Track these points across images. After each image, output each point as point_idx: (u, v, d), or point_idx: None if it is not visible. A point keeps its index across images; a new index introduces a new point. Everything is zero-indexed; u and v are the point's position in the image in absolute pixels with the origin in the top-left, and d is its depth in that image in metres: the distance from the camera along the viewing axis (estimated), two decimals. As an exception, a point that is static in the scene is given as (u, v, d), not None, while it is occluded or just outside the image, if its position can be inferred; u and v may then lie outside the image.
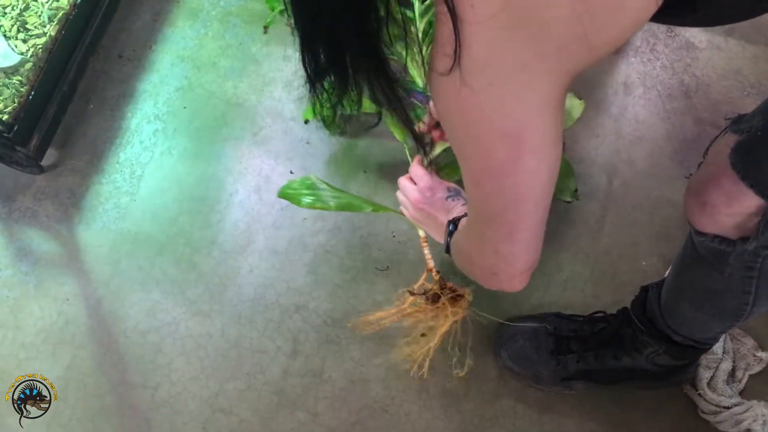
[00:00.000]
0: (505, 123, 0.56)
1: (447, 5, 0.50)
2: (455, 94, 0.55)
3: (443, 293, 1.09)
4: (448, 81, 0.55)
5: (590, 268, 1.27)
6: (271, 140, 1.36)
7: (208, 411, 1.17)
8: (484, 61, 0.52)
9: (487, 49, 0.52)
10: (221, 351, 1.21)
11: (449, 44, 0.52)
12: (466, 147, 0.61)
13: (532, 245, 0.70)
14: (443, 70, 0.54)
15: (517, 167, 0.60)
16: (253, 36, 1.46)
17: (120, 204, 1.32)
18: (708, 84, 1.42)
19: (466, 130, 0.59)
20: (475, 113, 0.57)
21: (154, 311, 1.24)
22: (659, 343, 1.04)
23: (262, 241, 1.29)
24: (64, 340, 1.22)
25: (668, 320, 0.99)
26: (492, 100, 0.55)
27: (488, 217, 0.68)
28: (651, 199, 1.32)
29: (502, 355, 1.17)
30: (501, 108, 0.55)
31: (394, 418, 1.17)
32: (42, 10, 1.26)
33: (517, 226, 0.67)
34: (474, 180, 0.64)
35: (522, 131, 0.57)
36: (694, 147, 1.36)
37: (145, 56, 1.44)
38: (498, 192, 0.63)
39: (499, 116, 0.56)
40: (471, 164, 0.63)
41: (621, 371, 1.10)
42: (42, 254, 1.28)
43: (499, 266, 0.73)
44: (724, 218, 0.76)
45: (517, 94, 0.55)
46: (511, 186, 0.62)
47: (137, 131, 1.37)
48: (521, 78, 0.54)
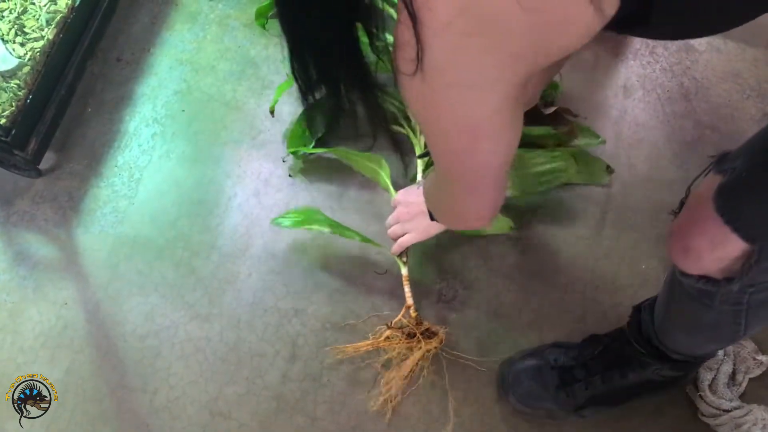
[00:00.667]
0: (463, 120, 0.60)
1: (407, 9, 0.52)
2: (418, 92, 0.59)
3: (418, 329, 1.16)
4: (411, 80, 0.57)
5: (590, 271, 1.27)
6: (270, 144, 1.36)
7: (207, 415, 1.17)
8: (443, 64, 0.55)
9: (445, 53, 0.54)
10: (220, 355, 1.21)
11: (410, 47, 0.54)
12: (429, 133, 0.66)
13: (493, 196, 0.77)
14: (406, 71, 0.57)
15: (476, 151, 0.65)
16: (251, 39, 1.46)
17: (118, 208, 1.31)
18: (707, 87, 1.42)
19: (428, 121, 0.63)
20: (435, 110, 0.60)
21: (152, 315, 1.23)
22: (660, 363, 1.03)
23: (261, 245, 1.28)
24: (63, 344, 1.22)
25: (664, 341, 0.98)
26: (450, 99, 0.57)
27: (452, 179, 0.74)
28: (651, 201, 1.31)
29: (510, 399, 1.15)
30: (458, 107, 0.58)
31: (392, 421, 1.16)
32: (40, 13, 1.25)
33: (478, 186, 0.73)
34: (438, 155, 0.69)
35: (478, 126, 0.61)
36: (694, 150, 1.35)
37: (144, 59, 1.44)
38: (459, 167, 0.69)
39: (457, 114, 0.59)
40: (435, 146, 0.68)
41: (630, 388, 1.09)
42: (40, 258, 1.28)
43: (467, 212, 0.81)
44: (709, 263, 0.75)
45: (473, 96, 0.57)
46: (471, 164, 0.68)
47: (136, 134, 1.37)
48: (477, 81, 0.56)
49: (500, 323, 1.23)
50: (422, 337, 1.15)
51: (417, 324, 1.16)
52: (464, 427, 1.16)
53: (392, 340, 1.16)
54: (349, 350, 1.18)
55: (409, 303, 1.19)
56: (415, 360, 1.14)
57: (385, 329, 1.17)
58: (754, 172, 0.67)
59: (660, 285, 1.22)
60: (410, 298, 1.19)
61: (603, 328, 1.21)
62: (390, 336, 1.17)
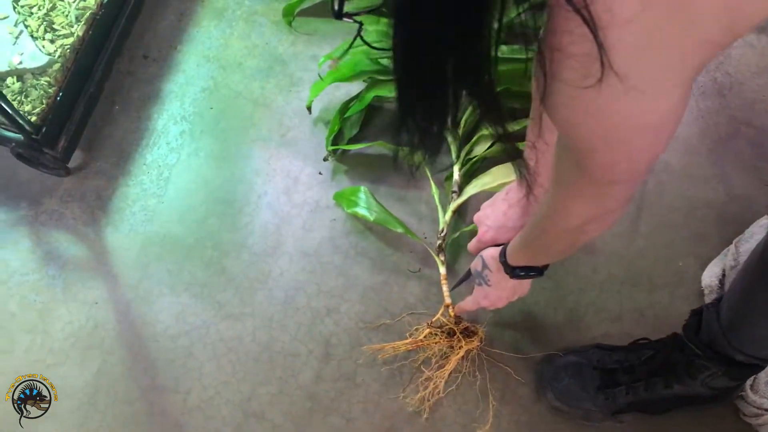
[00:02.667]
0: (648, 120, 0.56)
1: (582, 16, 0.47)
2: (589, 104, 0.54)
3: (458, 328, 1.15)
4: (581, 93, 0.53)
5: (626, 269, 1.25)
6: (299, 141, 1.35)
7: (240, 416, 1.15)
8: (626, 67, 0.50)
9: (628, 56, 0.50)
10: (253, 355, 1.19)
11: (587, 57, 0.50)
12: (598, 144, 0.60)
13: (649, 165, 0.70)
14: (580, 84, 0.52)
15: (657, 147, 0.61)
16: (279, 36, 1.45)
17: (147, 206, 1.30)
18: (741, 82, 1.40)
19: (599, 131, 0.58)
20: (613, 116, 0.56)
21: (183, 315, 1.22)
22: (718, 366, 1.00)
23: (292, 243, 1.27)
24: (93, 345, 1.20)
25: (733, 341, 0.95)
26: (634, 101, 0.53)
27: (616, 182, 0.67)
28: (686, 199, 1.30)
29: (548, 395, 1.13)
30: (643, 108, 0.54)
31: (429, 421, 1.15)
32: (69, 10, 1.24)
33: (636, 178, 0.68)
34: (607, 166, 0.64)
35: (664, 122, 0.57)
36: (729, 146, 1.34)
37: (171, 57, 1.42)
38: (634, 169, 0.65)
39: (642, 115, 0.55)
40: (606, 156, 0.62)
41: (672, 399, 1.07)
42: (69, 258, 1.26)
43: (616, 206, 0.73)
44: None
45: (660, 96, 0.54)
46: (648, 161, 0.64)
47: (164, 132, 1.36)
48: (663, 77, 0.52)
49: (536, 322, 1.21)
50: (462, 336, 1.13)
51: (456, 323, 1.15)
52: (501, 427, 1.14)
53: (431, 339, 1.15)
54: (388, 349, 1.16)
55: (448, 302, 1.17)
56: (458, 358, 1.13)
57: (425, 328, 1.16)
58: None
59: (697, 282, 1.23)
60: (449, 297, 1.18)
61: (640, 328, 1.20)
62: (429, 335, 1.15)
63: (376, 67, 1.28)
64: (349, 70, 1.27)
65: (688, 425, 1.13)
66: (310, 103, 1.30)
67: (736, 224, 1.26)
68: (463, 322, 1.16)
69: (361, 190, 1.27)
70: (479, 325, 1.17)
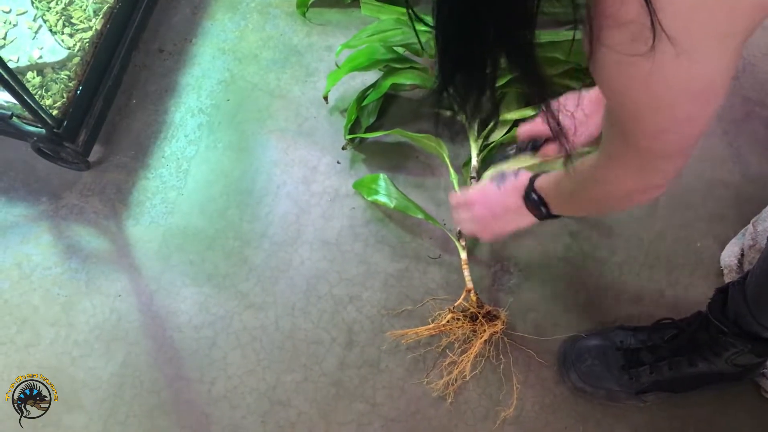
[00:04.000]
0: (696, 85, 0.56)
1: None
2: (639, 72, 0.55)
3: (480, 312, 1.15)
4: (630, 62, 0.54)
5: (644, 251, 1.26)
6: (316, 131, 1.36)
7: (266, 404, 1.16)
8: (677, 31, 0.51)
9: (679, 19, 0.50)
10: (276, 343, 1.20)
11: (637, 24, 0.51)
12: (649, 111, 0.61)
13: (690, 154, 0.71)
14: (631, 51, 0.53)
15: (704, 115, 0.61)
16: (293, 27, 1.45)
17: (167, 199, 1.31)
18: (754, 63, 1.41)
19: (646, 98, 0.58)
20: (660, 81, 0.56)
21: (207, 305, 1.23)
22: (744, 343, 1.00)
23: (312, 232, 1.28)
24: (118, 337, 1.21)
25: (759, 316, 0.95)
26: (682, 65, 0.54)
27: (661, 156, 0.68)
28: (703, 180, 1.30)
29: (571, 376, 1.14)
30: (692, 73, 0.55)
31: (453, 405, 1.15)
32: (87, 4, 1.25)
33: (686, 149, 0.68)
34: (653, 134, 0.64)
35: (712, 87, 0.58)
36: (743, 127, 1.34)
37: (186, 50, 1.43)
38: (679, 138, 0.64)
39: (690, 81, 0.56)
40: (651, 123, 0.62)
41: (696, 377, 1.07)
42: (91, 251, 1.27)
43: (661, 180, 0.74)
44: None
45: (709, 59, 0.54)
46: (694, 130, 0.64)
47: (181, 125, 1.37)
48: (712, 43, 0.53)
49: (557, 305, 1.22)
50: (484, 320, 1.14)
51: (479, 306, 1.16)
52: (525, 409, 1.15)
53: (454, 323, 1.15)
54: (411, 335, 1.17)
55: (469, 287, 1.18)
56: (481, 342, 1.13)
57: (447, 313, 1.17)
58: None
59: (716, 262, 1.24)
60: (470, 281, 1.18)
61: (660, 309, 1.20)
62: (451, 320, 1.16)
63: (392, 56, 1.29)
64: (366, 59, 1.28)
65: (710, 404, 1.14)
66: (327, 92, 1.31)
67: (754, 204, 1.26)
68: (486, 306, 1.17)
69: (381, 177, 1.27)
70: (501, 309, 1.18)
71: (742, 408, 1.15)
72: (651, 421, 1.14)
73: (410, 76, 1.27)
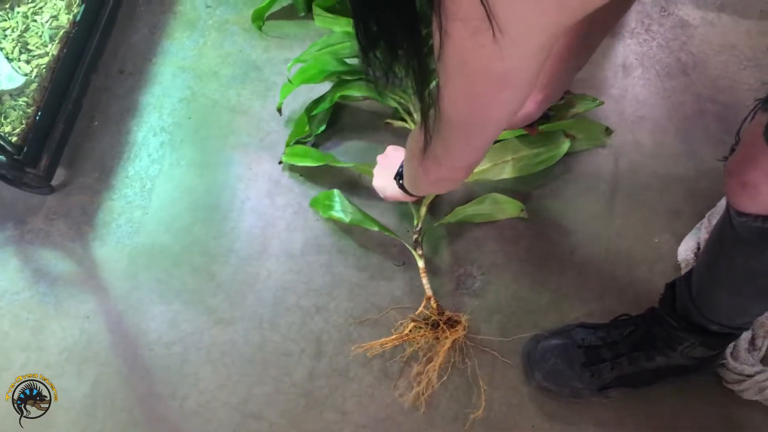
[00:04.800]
0: (499, 66, 0.60)
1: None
2: (461, 46, 0.59)
3: (441, 319, 1.17)
4: (458, 40, 0.58)
5: (604, 249, 1.28)
6: (278, 145, 1.37)
7: (238, 417, 1.18)
8: (499, 11, 0.54)
9: (504, 6, 0.54)
10: (246, 357, 1.22)
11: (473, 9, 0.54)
12: (454, 76, 0.65)
13: (480, 152, 0.80)
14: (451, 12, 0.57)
15: (494, 99, 0.66)
16: (252, 42, 1.47)
17: (133, 218, 1.32)
18: (705, 60, 1.44)
19: (458, 64, 0.62)
20: (472, 56, 0.60)
21: (176, 322, 1.24)
22: (694, 337, 1.03)
23: (278, 245, 1.29)
24: (89, 358, 1.22)
25: (703, 311, 0.98)
26: (493, 49, 0.57)
27: (452, 127, 0.74)
28: (658, 177, 1.33)
29: (536, 376, 1.16)
30: (498, 56, 0.58)
31: (423, 412, 1.17)
32: (43, 30, 1.26)
33: (473, 138, 0.75)
34: (451, 99, 0.69)
35: (510, 73, 0.62)
36: (696, 123, 1.38)
37: (146, 70, 1.44)
38: (470, 114, 0.70)
39: (495, 62, 0.59)
40: (452, 89, 0.67)
41: (656, 371, 1.10)
42: (59, 274, 1.28)
43: (448, 162, 0.82)
44: (765, 196, 0.77)
45: (515, 45, 0.57)
46: (484, 112, 0.69)
47: (144, 144, 1.38)
48: (521, 30, 0.56)
49: (520, 306, 1.24)
50: (446, 326, 1.16)
51: (439, 314, 1.18)
52: (493, 410, 1.17)
53: (417, 332, 1.17)
54: (375, 346, 1.19)
55: (429, 294, 1.20)
56: (446, 349, 1.15)
57: (409, 322, 1.19)
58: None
59: (674, 257, 1.26)
60: (429, 289, 1.20)
61: (622, 305, 1.23)
62: (414, 328, 1.18)
63: (343, 68, 1.31)
64: (317, 72, 1.30)
65: (672, 396, 1.17)
66: (280, 105, 1.32)
67: (708, 198, 1.30)
68: (446, 312, 1.19)
69: (335, 193, 1.29)
70: (462, 314, 1.20)
71: (705, 399, 1.17)
72: (616, 416, 1.16)
73: (360, 87, 1.29)
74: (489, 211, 1.27)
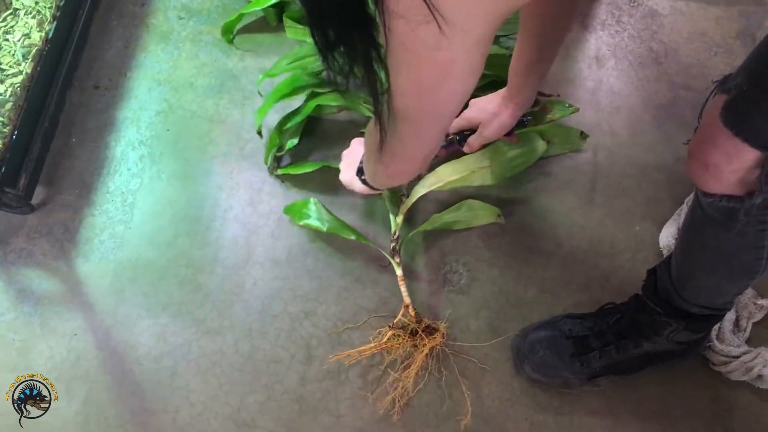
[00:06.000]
0: (442, 55, 0.63)
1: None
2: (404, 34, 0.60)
3: (419, 327, 1.18)
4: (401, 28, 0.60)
5: (587, 240, 1.30)
6: (259, 152, 1.37)
7: (232, 427, 1.17)
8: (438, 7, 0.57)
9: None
10: (236, 366, 1.22)
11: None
12: (401, 69, 0.67)
13: (433, 141, 0.84)
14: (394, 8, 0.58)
15: (441, 88, 0.69)
16: (227, 52, 1.47)
17: (115, 233, 1.31)
18: (676, 49, 1.46)
19: (404, 57, 0.64)
20: (417, 48, 0.62)
21: (164, 335, 1.24)
22: (678, 321, 1.05)
23: (263, 253, 1.29)
24: (78, 375, 1.21)
25: (684, 294, 1.00)
26: (436, 41, 0.60)
27: (404, 119, 0.75)
28: (636, 166, 1.35)
29: (525, 368, 1.17)
30: (441, 46, 0.61)
31: (417, 410, 1.18)
32: (15, 48, 1.25)
33: (427, 128, 0.78)
34: (400, 92, 0.71)
35: (453, 63, 0.64)
36: (671, 111, 1.39)
37: (122, 84, 1.44)
38: (419, 104, 0.72)
39: (439, 52, 0.62)
40: (401, 81, 0.69)
41: (643, 357, 1.12)
42: (43, 293, 1.27)
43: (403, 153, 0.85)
44: (728, 176, 0.78)
45: (458, 35, 0.60)
46: (432, 102, 0.72)
47: (123, 159, 1.37)
48: (463, 19, 0.59)
49: (508, 300, 1.25)
50: (424, 333, 1.17)
51: (417, 321, 1.18)
52: (485, 405, 1.18)
53: (395, 340, 1.18)
54: (354, 355, 1.19)
55: (407, 302, 1.20)
56: (423, 357, 1.16)
57: (387, 330, 1.19)
58: (754, 85, 0.72)
59: (655, 244, 1.28)
60: (407, 297, 1.21)
61: (607, 294, 1.24)
62: (392, 336, 1.18)
63: (314, 81, 1.30)
64: (288, 88, 1.29)
65: (661, 381, 1.18)
66: (260, 127, 1.31)
67: (686, 185, 1.31)
68: (424, 320, 1.19)
69: (311, 201, 1.29)
70: (440, 322, 1.21)
71: (693, 382, 1.19)
72: (607, 404, 1.18)
73: (333, 98, 1.29)
74: (465, 218, 1.27)
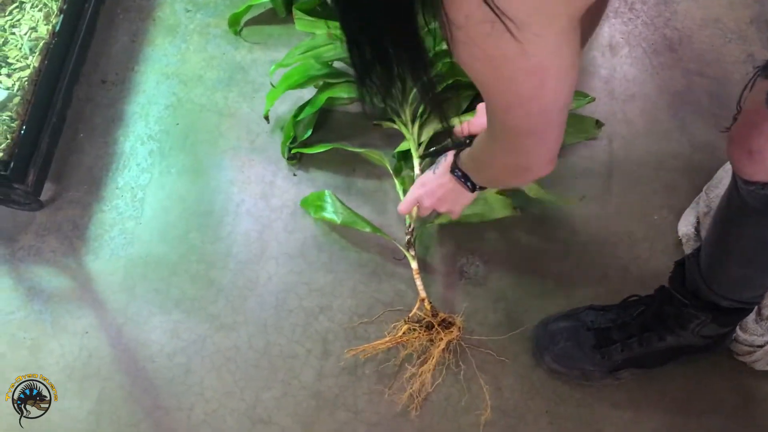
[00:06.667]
0: (530, 62, 0.61)
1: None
2: (481, 49, 0.60)
3: (435, 320, 1.16)
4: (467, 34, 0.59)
5: (604, 229, 1.28)
6: (270, 146, 1.35)
7: (248, 424, 1.16)
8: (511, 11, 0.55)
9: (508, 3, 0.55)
10: (251, 362, 1.20)
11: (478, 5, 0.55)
12: (495, 86, 0.66)
13: (558, 140, 0.78)
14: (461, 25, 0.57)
15: (543, 92, 0.66)
16: (235, 44, 1.45)
17: (126, 229, 1.29)
18: (690, 35, 1.44)
19: (493, 73, 0.64)
20: (501, 59, 0.61)
21: (177, 332, 1.22)
22: (705, 314, 1.03)
23: (277, 247, 1.27)
24: (90, 374, 1.19)
25: (714, 286, 0.98)
26: (515, 45, 0.58)
27: (521, 133, 0.74)
28: (652, 154, 1.33)
29: (545, 359, 1.16)
30: (524, 51, 0.59)
31: (435, 405, 1.16)
32: (22, 42, 1.23)
33: (546, 133, 0.75)
34: (504, 108, 0.70)
35: (544, 65, 0.63)
36: (686, 98, 1.38)
37: (129, 78, 1.42)
38: (528, 114, 0.70)
39: (524, 58, 0.60)
40: (501, 98, 0.68)
41: (667, 351, 1.10)
42: (53, 290, 1.25)
43: (532, 163, 0.82)
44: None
45: (537, 37, 0.58)
46: (539, 107, 0.69)
47: (132, 154, 1.35)
48: (540, 22, 0.57)
49: (525, 291, 1.23)
50: (440, 327, 1.15)
51: (433, 315, 1.16)
52: (504, 398, 1.16)
53: (410, 334, 1.16)
54: (369, 349, 1.17)
55: (423, 295, 1.18)
56: (439, 352, 1.14)
57: (403, 324, 1.17)
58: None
59: (674, 233, 1.26)
60: (423, 290, 1.19)
61: (626, 284, 1.23)
62: (408, 330, 1.16)
63: (327, 71, 1.29)
64: (301, 76, 1.28)
65: (684, 374, 1.17)
66: (267, 112, 1.30)
67: (704, 172, 1.30)
68: (440, 313, 1.17)
69: (326, 194, 1.28)
70: (456, 315, 1.19)
71: (717, 374, 1.17)
72: (628, 396, 1.16)
73: (346, 89, 1.27)
74: (481, 211, 1.25)
